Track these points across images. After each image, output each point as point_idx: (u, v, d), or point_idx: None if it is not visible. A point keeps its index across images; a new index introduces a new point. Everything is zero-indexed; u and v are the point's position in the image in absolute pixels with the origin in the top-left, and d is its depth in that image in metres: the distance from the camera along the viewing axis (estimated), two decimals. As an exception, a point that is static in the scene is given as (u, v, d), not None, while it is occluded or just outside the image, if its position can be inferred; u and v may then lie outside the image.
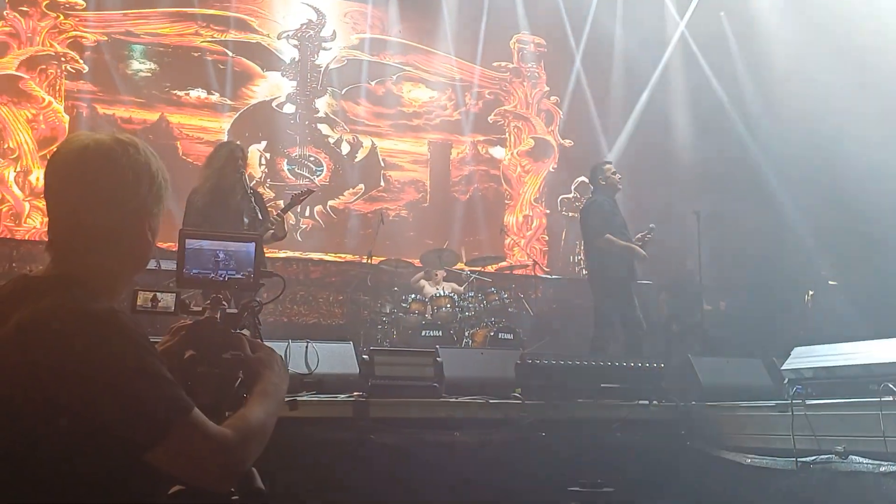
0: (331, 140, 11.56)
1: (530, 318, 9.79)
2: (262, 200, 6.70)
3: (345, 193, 11.48)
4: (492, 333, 8.91)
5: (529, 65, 12.78)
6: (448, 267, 9.88)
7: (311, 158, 11.35)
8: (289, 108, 11.39)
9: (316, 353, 4.88)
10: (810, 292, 11.67)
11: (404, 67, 12.07)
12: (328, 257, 11.00)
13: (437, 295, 9.36)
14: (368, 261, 9.56)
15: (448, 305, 9.20)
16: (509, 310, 9.51)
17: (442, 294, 9.37)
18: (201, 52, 11.05)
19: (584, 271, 7.66)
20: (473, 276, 9.91)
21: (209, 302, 1.94)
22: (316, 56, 11.63)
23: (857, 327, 8.97)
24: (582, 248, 7.29)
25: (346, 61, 11.77)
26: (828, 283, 11.42)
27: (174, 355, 1.87)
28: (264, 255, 6.34)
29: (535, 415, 4.89)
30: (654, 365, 5.50)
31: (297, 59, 11.49)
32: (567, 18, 12.64)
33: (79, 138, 1.77)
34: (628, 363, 5.44)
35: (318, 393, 4.72)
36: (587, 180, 12.34)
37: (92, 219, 1.72)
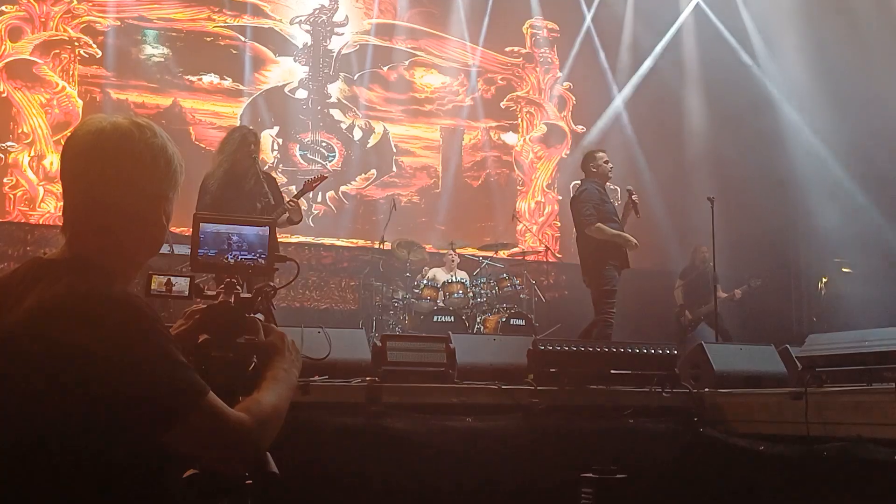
0: (343, 125, 11.55)
1: (542, 305, 9.78)
2: (276, 184, 6.69)
3: (357, 179, 11.47)
4: (504, 319, 8.91)
5: (542, 50, 12.72)
6: (460, 251, 9.88)
7: (324, 144, 11.35)
8: (301, 94, 11.38)
9: (328, 339, 4.88)
10: (824, 279, 11.63)
11: (416, 53, 12.03)
12: (340, 243, 11.01)
13: (450, 281, 9.36)
14: (381, 246, 9.56)
15: (460, 291, 9.20)
16: (521, 296, 9.50)
17: (454, 280, 9.37)
18: (214, 37, 11.05)
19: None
20: (485, 262, 9.90)
21: (223, 286, 1.94)
22: (328, 41, 11.60)
23: (871, 314, 8.95)
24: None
25: (358, 46, 11.74)
26: (842, 270, 11.37)
27: (188, 339, 1.87)
28: (277, 239, 6.32)
29: (547, 401, 4.88)
30: (667, 351, 5.48)
31: (309, 45, 11.47)
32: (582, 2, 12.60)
33: (95, 120, 1.76)
34: (641, 349, 5.41)
35: (330, 378, 4.73)
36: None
37: (108, 201, 1.71)
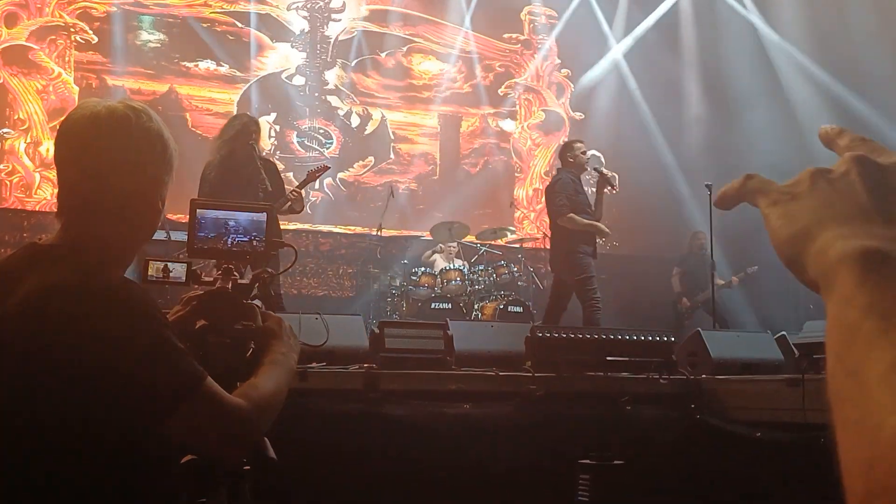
0: (340, 112, 11.52)
1: (540, 292, 9.78)
2: (277, 171, 6.67)
3: (354, 166, 11.45)
4: (501, 306, 8.91)
5: (541, 37, 12.67)
6: (458, 239, 9.87)
7: (321, 131, 11.32)
8: (298, 80, 11.34)
9: (326, 326, 4.87)
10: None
11: (414, 39, 11.99)
12: (338, 230, 11.00)
13: (447, 268, 9.36)
14: (378, 233, 9.56)
15: (458, 279, 9.20)
16: (519, 283, 9.50)
17: (452, 267, 9.36)
18: (210, 23, 11.00)
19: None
20: (483, 249, 9.90)
21: (220, 272, 1.93)
22: (325, 27, 11.55)
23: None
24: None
25: (355, 32, 11.69)
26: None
27: (186, 325, 1.87)
28: (279, 225, 6.37)
29: (545, 387, 4.89)
30: (665, 338, 5.49)
31: (306, 31, 11.42)
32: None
33: (91, 104, 1.75)
34: (638, 336, 5.42)
35: (327, 365, 4.73)
36: (598, 153, 12.40)
37: (103, 185, 1.70)
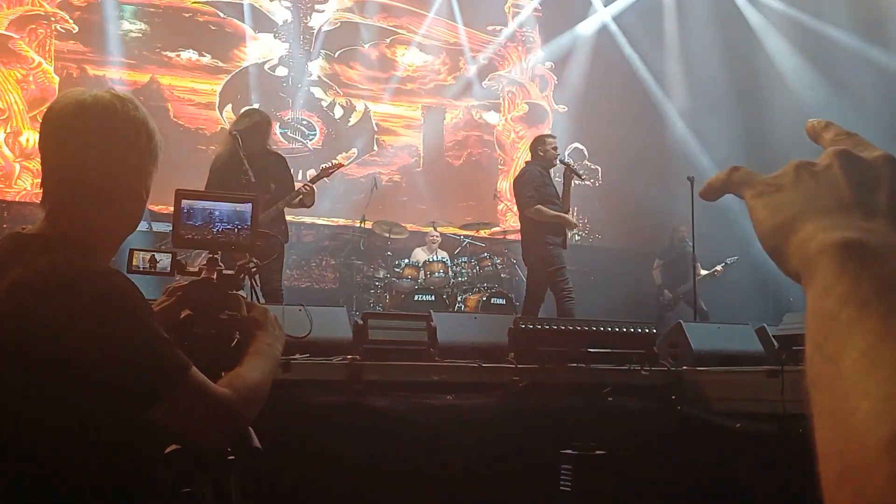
0: (324, 103, 11.49)
1: (523, 284, 9.81)
2: (285, 165, 6.63)
3: (338, 157, 11.40)
4: (485, 299, 8.94)
5: (525, 29, 12.68)
6: (441, 230, 9.89)
7: (304, 122, 11.29)
8: (281, 71, 11.30)
9: (309, 317, 4.87)
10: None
11: (398, 31, 11.97)
12: (321, 221, 10.97)
13: (431, 260, 9.37)
14: (361, 225, 9.55)
15: (441, 271, 9.21)
16: (502, 275, 9.53)
17: (435, 259, 9.38)
18: (192, 12, 10.93)
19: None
20: (467, 241, 9.91)
21: (206, 262, 1.93)
22: (309, 18, 11.51)
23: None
24: (575, 213, 7.37)
25: (339, 24, 11.66)
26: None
27: (171, 316, 1.87)
28: (283, 216, 6.47)
29: (527, 379, 4.91)
30: (647, 330, 5.52)
31: (289, 21, 11.38)
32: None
33: (76, 93, 1.75)
34: (620, 328, 5.45)
35: (311, 356, 4.72)
36: (581, 146, 12.44)
37: (87, 174, 1.70)
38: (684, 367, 5.39)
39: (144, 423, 1.57)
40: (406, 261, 9.37)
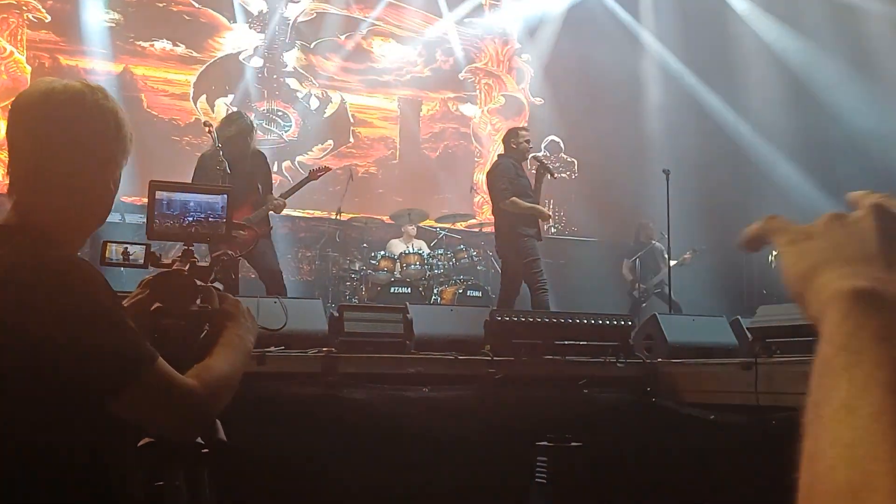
0: (299, 95, 11.42)
1: (499, 276, 9.83)
2: (266, 164, 6.81)
3: (313, 149, 11.37)
4: (461, 291, 8.94)
5: (502, 21, 12.67)
6: (417, 223, 9.88)
7: (279, 113, 11.23)
8: (256, 62, 11.22)
9: (284, 310, 4.85)
10: (774, 252, 11.84)
11: (375, 22, 11.92)
12: (296, 213, 10.92)
13: (407, 252, 9.36)
14: (337, 217, 9.52)
15: (417, 263, 9.20)
16: (478, 267, 9.54)
17: (411, 251, 9.36)
18: (166, 2, 10.82)
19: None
20: (443, 233, 9.91)
21: (180, 254, 1.92)
22: (284, 8, 11.43)
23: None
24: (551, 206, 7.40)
25: (315, 14, 11.59)
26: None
27: (143, 308, 1.85)
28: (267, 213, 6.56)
29: (503, 371, 4.92)
30: (622, 322, 5.55)
31: (264, 12, 11.29)
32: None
33: (45, 81, 1.72)
34: (596, 320, 5.47)
35: (286, 348, 4.71)
36: (557, 139, 12.46)
37: (55, 162, 1.67)
38: (659, 360, 5.42)
39: (111, 415, 1.55)
40: (382, 253, 9.36)
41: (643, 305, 10.18)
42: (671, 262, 9.91)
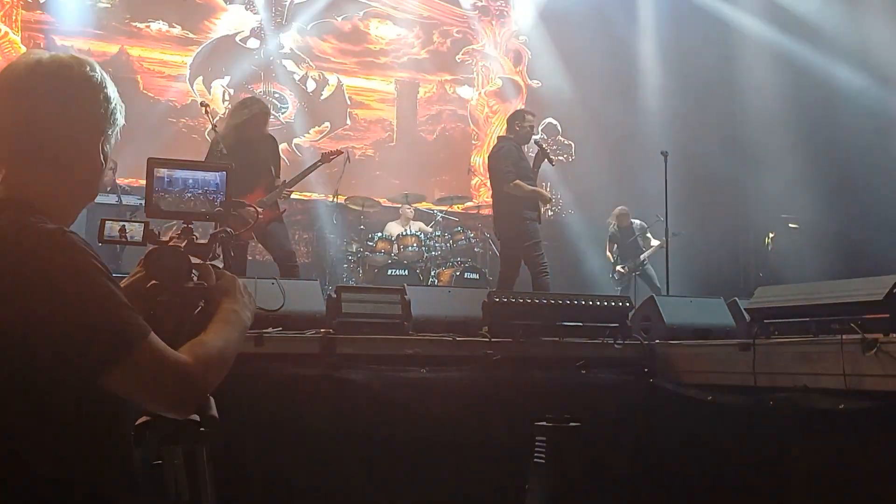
0: (296, 76, 11.38)
1: (496, 258, 9.82)
2: (277, 149, 6.85)
3: (310, 132, 11.34)
4: (458, 273, 8.94)
5: (498, 3, 12.61)
6: (414, 205, 9.87)
7: (276, 95, 11.18)
8: (253, 43, 11.16)
9: (282, 291, 4.84)
10: (771, 234, 11.84)
11: (371, 4, 11.85)
12: (294, 195, 10.87)
13: (404, 234, 9.35)
14: (335, 199, 9.50)
15: (414, 245, 9.20)
16: (475, 249, 9.54)
17: (408, 233, 9.35)
18: (162, -18, 10.76)
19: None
20: (440, 215, 9.90)
21: (179, 231, 1.90)
22: (280, -11, 11.37)
23: (817, 270, 9.15)
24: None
25: (311, -5, 11.52)
26: (788, 225, 11.59)
27: (142, 285, 1.84)
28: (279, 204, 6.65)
29: (501, 352, 4.92)
30: (620, 304, 5.55)
31: (260, -8, 11.23)
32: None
33: (33, 53, 1.70)
34: (594, 301, 5.47)
35: (284, 330, 4.70)
36: (555, 121, 12.43)
37: (43, 136, 1.65)
38: (657, 341, 5.42)
39: (104, 391, 1.53)
40: (379, 235, 9.35)
41: (625, 286, 10.23)
42: (654, 242, 9.94)
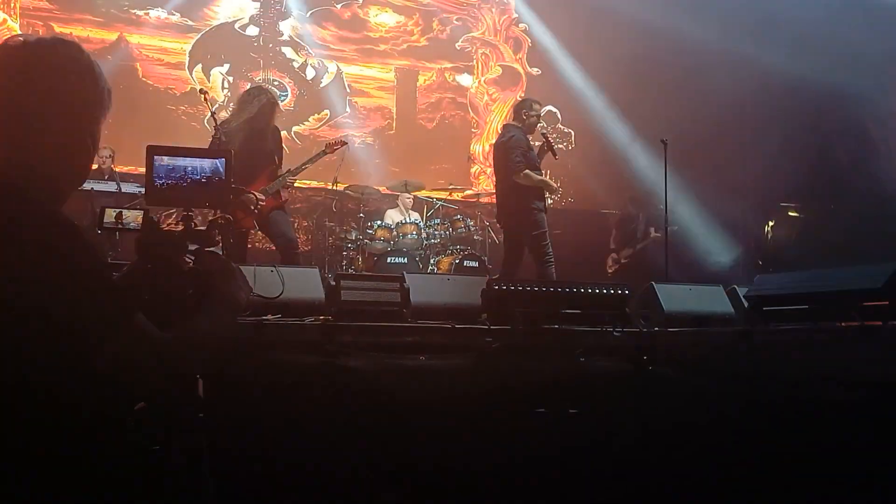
0: (295, 64, 11.35)
1: (496, 246, 9.82)
2: (280, 140, 6.85)
3: (310, 119, 11.32)
4: (457, 261, 8.94)
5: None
6: (414, 192, 9.86)
7: (276, 82, 11.15)
8: (252, 31, 11.13)
9: (281, 278, 4.85)
10: (770, 223, 11.84)
11: (370, -10, 11.82)
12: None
13: (403, 222, 9.34)
14: (334, 187, 9.49)
15: (414, 232, 9.19)
16: (475, 237, 9.53)
17: (408, 221, 9.35)
18: (161, -31, 10.72)
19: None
20: (440, 203, 9.89)
21: (180, 218, 1.91)
22: (280, -24, 11.33)
23: (815, 257, 9.16)
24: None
25: (311, -18, 11.48)
26: (788, 214, 11.59)
27: (136, 269, 1.84)
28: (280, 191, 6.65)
29: (500, 340, 4.93)
30: (619, 291, 5.56)
31: (260, -21, 11.19)
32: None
33: (22, 35, 1.70)
34: (593, 289, 5.48)
35: (283, 317, 4.71)
36: (554, 109, 12.39)
37: (31, 119, 1.65)
38: (656, 328, 5.44)
39: (96, 374, 1.53)
40: (379, 222, 9.34)
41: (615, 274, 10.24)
42: (655, 234, 9.93)
